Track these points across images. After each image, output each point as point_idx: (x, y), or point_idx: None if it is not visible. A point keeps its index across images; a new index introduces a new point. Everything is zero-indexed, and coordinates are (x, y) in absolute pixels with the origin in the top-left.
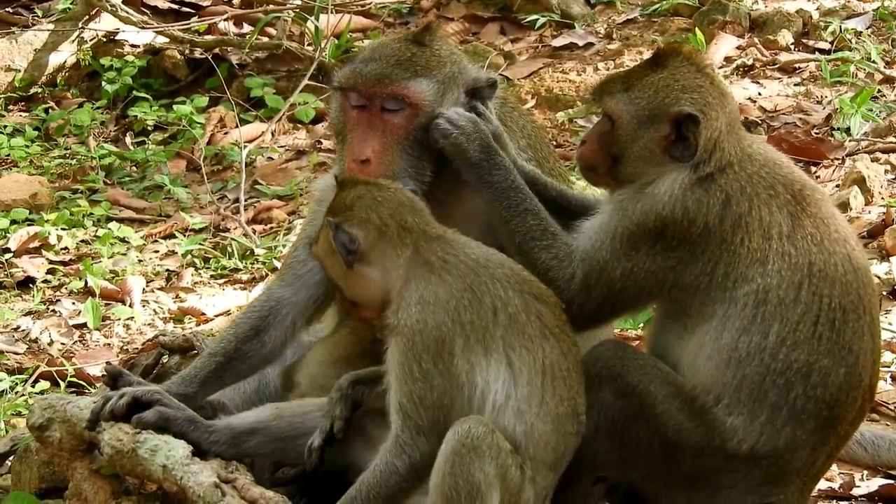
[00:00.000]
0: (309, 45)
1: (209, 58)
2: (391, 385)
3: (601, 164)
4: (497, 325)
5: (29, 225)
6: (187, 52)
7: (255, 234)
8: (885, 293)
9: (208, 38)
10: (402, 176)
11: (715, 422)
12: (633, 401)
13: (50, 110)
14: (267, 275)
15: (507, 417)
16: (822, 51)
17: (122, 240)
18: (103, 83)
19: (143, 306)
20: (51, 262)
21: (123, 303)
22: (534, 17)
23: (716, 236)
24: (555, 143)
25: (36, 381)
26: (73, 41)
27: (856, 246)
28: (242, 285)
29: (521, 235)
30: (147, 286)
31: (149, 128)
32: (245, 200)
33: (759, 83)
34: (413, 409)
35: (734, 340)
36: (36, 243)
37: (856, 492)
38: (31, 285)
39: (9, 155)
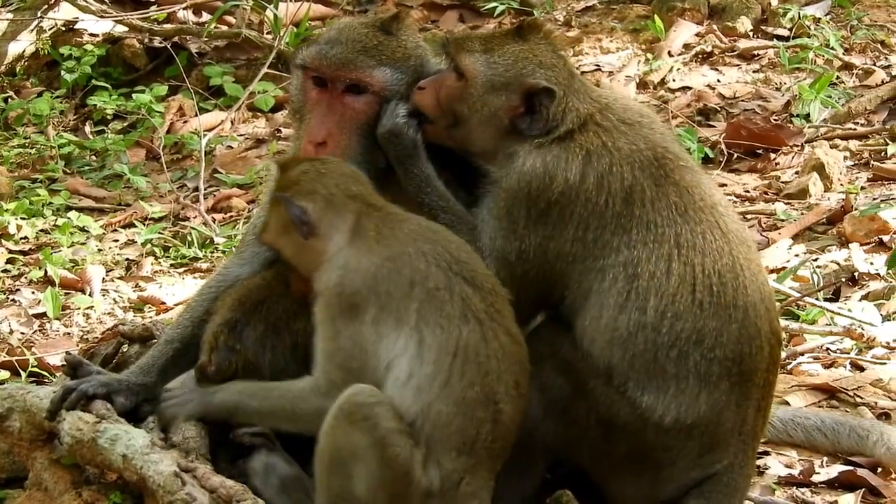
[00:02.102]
0: (268, 33)
1: (168, 46)
2: (315, 342)
3: (440, 118)
4: (412, 298)
5: None
6: (146, 40)
7: (214, 222)
8: (844, 279)
9: (167, 26)
10: (356, 160)
11: (634, 400)
12: (570, 378)
13: (9, 100)
14: None
15: (405, 394)
16: (780, 37)
17: (82, 229)
18: (62, 72)
19: (103, 295)
20: (10, 251)
21: (83, 292)
22: (493, 4)
23: (579, 196)
24: None
25: None
26: (32, 30)
27: (724, 212)
28: (202, 274)
29: None
30: (107, 275)
31: (108, 117)
32: (204, 189)
33: (718, 70)
34: (327, 365)
35: (613, 320)
36: None
37: (816, 478)
38: None
39: None
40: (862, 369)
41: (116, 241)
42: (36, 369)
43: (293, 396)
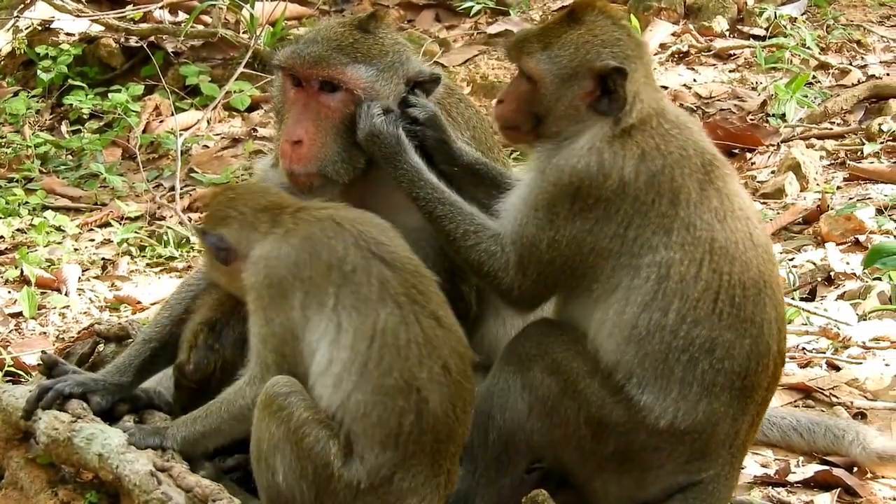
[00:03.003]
0: (244, 32)
1: (144, 46)
2: (250, 330)
3: (524, 123)
4: (330, 281)
5: None
6: (122, 40)
7: (190, 222)
8: (820, 279)
9: (143, 26)
10: (334, 160)
11: (631, 399)
12: (560, 378)
13: None
14: None
15: (326, 383)
16: (757, 37)
17: (58, 228)
18: (39, 72)
19: (79, 295)
20: None
21: (59, 291)
22: (469, 4)
23: (629, 193)
24: (492, 129)
25: None
26: (8, 30)
27: (757, 224)
28: (178, 273)
29: (443, 240)
30: (83, 275)
31: (84, 116)
32: (181, 188)
33: (694, 70)
34: (261, 349)
35: (635, 318)
36: None
37: (791, 478)
38: None
39: None
40: (838, 369)
41: (92, 240)
42: (12, 369)
43: (231, 398)
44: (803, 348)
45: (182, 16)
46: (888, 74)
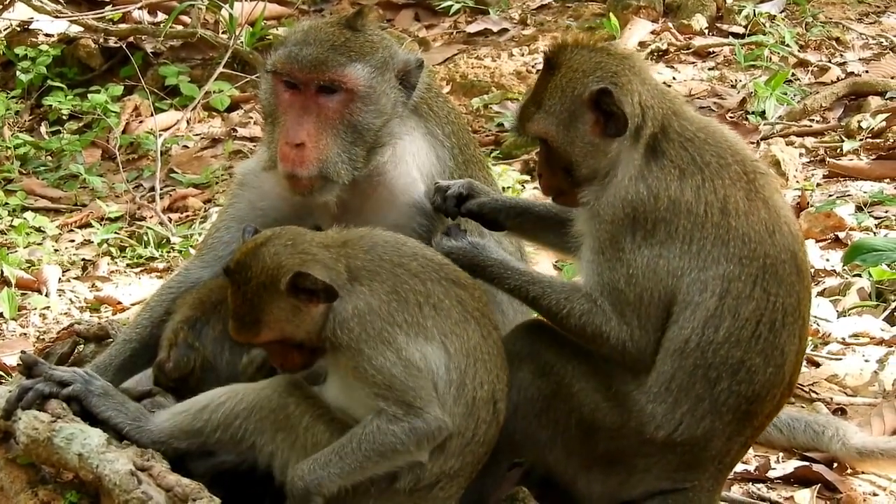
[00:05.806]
0: (223, 32)
1: (124, 46)
2: (355, 383)
3: (563, 183)
4: (425, 316)
5: None
6: (101, 40)
7: (170, 222)
8: None
9: (122, 26)
10: (335, 161)
11: (634, 406)
12: (552, 379)
13: None
14: None
15: (447, 402)
16: (736, 35)
17: (38, 229)
18: (18, 72)
19: (60, 296)
20: None
21: (39, 292)
22: (448, 3)
23: (682, 209)
24: (470, 128)
25: None
26: None
27: (802, 246)
28: (158, 274)
29: (547, 317)
30: (63, 275)
31: (64, 117)
32: (161, 189)
33: (673, 68)
34: (389, 392)
35: (691, 332)
36: None
37: (771, 474)
38: None
39: None
40: (818, 365)
41: (72, 241)
42: None
43: (371, 437)
44: None
45: (161, 16)
46: (867, 71)
